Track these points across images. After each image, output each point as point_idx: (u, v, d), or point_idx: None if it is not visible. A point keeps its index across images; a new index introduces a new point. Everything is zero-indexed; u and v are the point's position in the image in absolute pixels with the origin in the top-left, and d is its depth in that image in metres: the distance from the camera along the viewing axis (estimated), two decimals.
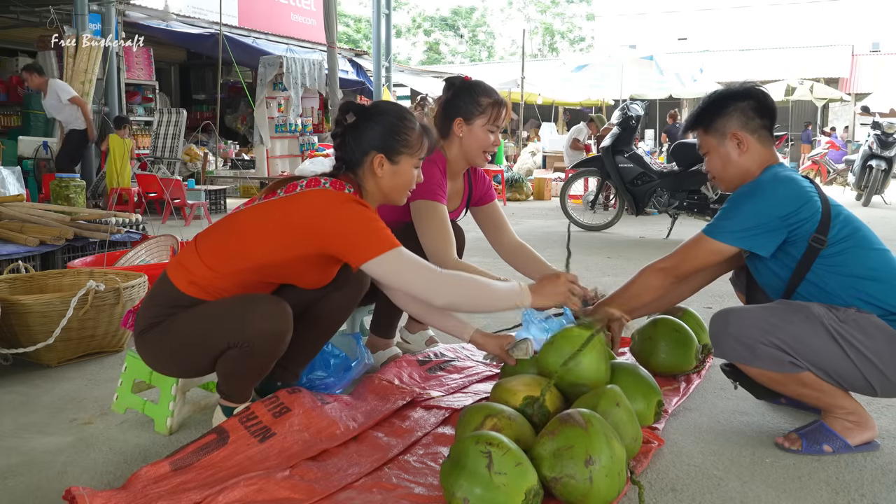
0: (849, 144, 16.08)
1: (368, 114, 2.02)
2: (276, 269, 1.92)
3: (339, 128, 2.03)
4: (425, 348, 2.74)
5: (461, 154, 2.53)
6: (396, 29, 31.63)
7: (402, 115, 2.03)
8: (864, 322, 1.88)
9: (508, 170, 12.17)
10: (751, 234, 1.97)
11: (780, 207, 1.95)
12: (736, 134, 2.08)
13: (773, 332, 1.88)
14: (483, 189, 2.75)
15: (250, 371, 1.95)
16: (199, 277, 1.91)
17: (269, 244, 1.89)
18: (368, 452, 1.92)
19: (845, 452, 1.95)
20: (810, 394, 1.95)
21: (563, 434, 1.63)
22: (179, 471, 1.75)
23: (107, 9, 8.47)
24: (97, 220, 4.31)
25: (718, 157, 2.13)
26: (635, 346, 2.54)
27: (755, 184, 2.02)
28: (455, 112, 2.49)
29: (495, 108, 2.48)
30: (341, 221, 1.85)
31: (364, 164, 2.00)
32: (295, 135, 10.76)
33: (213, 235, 1.97)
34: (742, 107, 2.08)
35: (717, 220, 2.05)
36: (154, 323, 1.93)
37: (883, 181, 10.16)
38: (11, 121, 9.86)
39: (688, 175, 6.51)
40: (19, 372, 2.65)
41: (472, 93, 2.48)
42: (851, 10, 22.93)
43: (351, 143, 2.00)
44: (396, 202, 2.09)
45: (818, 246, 1.95)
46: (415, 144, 2.02)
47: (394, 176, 2.01)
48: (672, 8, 25.42)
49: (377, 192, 2.03)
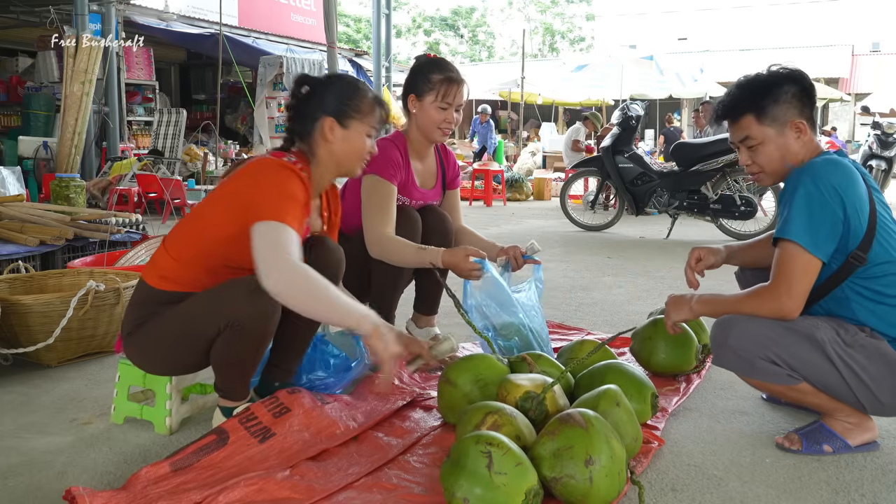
0: (849, 144, 16.09)
1: (322, 83, 2.04)
2: (229, 247, 1.90)
3: (293, 100, 2.05)
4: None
5: (419, 131, 2.59)
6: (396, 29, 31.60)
7: (354, 83, 2.07)
8: (870, 347, 1.86)
9: (508, 170, 12.18)
10: (816, 222, 1.84)
11: (834, 181, 1.83)
12: (796, 122, 1.95)
13: (772, 347, 1.87)
14: (454, 172, 2.83)
15: (244, 356, 1.91)
16: (165, 270, 1.94)
17: (216, 220, 1.92)
18: (369, 452, 1.92)
19: (845, 452, 1.95)
20: (810, 401, 1.96)
21: (563, 434, 1.63)
22: (179, 471, 1.75)
23: (107, 9, 8.47)
24: (97, 220, 4.31)
25: (776, 148, 1.97)
26: (635, 347, 2.54)
27: (801, 171, 1.89)
28: (409, 89, 2.57)
29: (444, 85, 2.50)
30: (260, 183, 1.87)
31: (316, 130, 2.01)
32: None
33: (177, 227, 2.01)
34: (796, 92, 1.95)
35: (784, 223, 1.88)
36: (138, 324, 1.95)
37: (883, 181, 10.16)
38: (11, 121, 9.85)
39: (688, 175, 6.51)
40: (19, 372, 2.65)
41: (426, 70, 2.53)
42: (851, 10, 22.94)
43: (304, 112, 2.02)
44: (351, 172, 2.09)
45: (857, 263, 1.88)
46: (366, 111, 2.03)
47: (345, 142, 2.02)
48: (672, 8, 25.43)
49: (330, 160, 2.04)
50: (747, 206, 6.28)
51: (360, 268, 2.49)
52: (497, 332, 2.44)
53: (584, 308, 3.75)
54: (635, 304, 3.83)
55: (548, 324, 3.30)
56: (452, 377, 2.08)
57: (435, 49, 38.47)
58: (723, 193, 6.40)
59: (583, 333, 3.19)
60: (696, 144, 6.70)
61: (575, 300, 3.94)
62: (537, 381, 1.95)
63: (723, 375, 2.55)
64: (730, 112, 2.03)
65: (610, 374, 2.08)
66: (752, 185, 6.85)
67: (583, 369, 2.19)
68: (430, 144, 2.67)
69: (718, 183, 6.45)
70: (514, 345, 2.44)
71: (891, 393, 1.86)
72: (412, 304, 2.83)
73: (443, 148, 2.79)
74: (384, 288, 2.55)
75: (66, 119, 7.45)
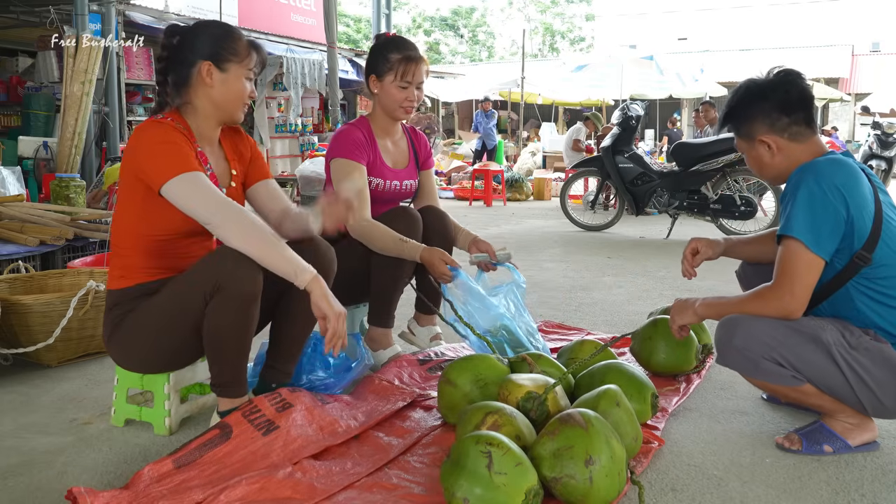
0: (849, 144, 16.10)
1: (193, 30, 2.02)
2: (147, 222, 1.94)
3: (165, 51, 2.02)
4: (429, 345, 2.75)
5: (382, 110, 2.61)
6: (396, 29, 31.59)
7: (227, 27, 2.06)
8: (875, 351, 1.86)
9: (508, 170, 12.17)
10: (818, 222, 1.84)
11: (836, 178, 1.84)
12: (763, 139, 2.00)
13: (777, 348, 1.87)
14: (426, 153, 2.83)
15: (236, 328, 1.88)
16: (120, 269, 2.00)
17: (124, 203, 1.96)
18: (370, 452, 1.92)
19: (846, 453, 1.95)
20: (812, 402, 1.96)
21: (563, 434, 1.63)
22: (182, 468, 1.75)
23: (107, 9, 8.47)
24: (97, 220, 4.31)
25: (752, 160, 2.07)
26: (635, 346, 2.54)
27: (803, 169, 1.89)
28: (369, 69, 2.58)
29: (403, 64, 2.51)
30: (142, 147, 1.89)
31: (192, 77, 1.99)
32: (295, 135, 10.76)
33: (111, 226, 2.06)
34: (765, 108, 1.98)
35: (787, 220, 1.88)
36: (117, 324, 1.99)
37: (883, 181, 10.17)
38: (11, 121, 9.84)
39: (688, 175, 6.51)
40: (19, 372, 2.65)
41: (384, 49, 2.54)
42: (851, 10, 22.95)
43: (178, 60, 1.99)
44: (233, 118, 2.07)
45: (861, 263, 1.88)
46: (242, 53, 2.01)
47: (224, 85, 2.00)
48: (672, 8, 25.44)
49: (210, 107, 2.02)
50: (747, 206, 6.28)
51: (359, 266, 2.49)
52: (484, 329, 2.44)
53: (584, 308, 3.75)
54: (635, 304, 3.83)
55: (547, 324, 3.32)
56: (452, 377, 2.08)
57: (435, 49, 38.50)
58: (723, 193, 6.40)
59: (583, 333, 3.19)
60: (696, 144, 6.70)
61: (575, 300, 3.94)
62: (539, 382, 1.95)
63: (723, 375, 2.55)
64: (723, 123, 2.12)
65: (610, 374, 2.08)
66: (752, 185, 6.85)
67: (583, 370, 2.19)
68: (396, 123, 2.69)
69: (718, 183, 6.45)
70: (502, 339, 2.44)
71: (894, 396, 1.86)
72: (412, 303, 2.82)
73: (412, 129, 2.81)
74: (384, 288, 2.55)
75: (66, 119, 7.44)
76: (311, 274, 1.83)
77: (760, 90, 2.02)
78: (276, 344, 2.14)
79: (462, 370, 2.08)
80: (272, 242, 1.85)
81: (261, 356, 2.24)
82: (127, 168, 1.94)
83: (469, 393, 2.04)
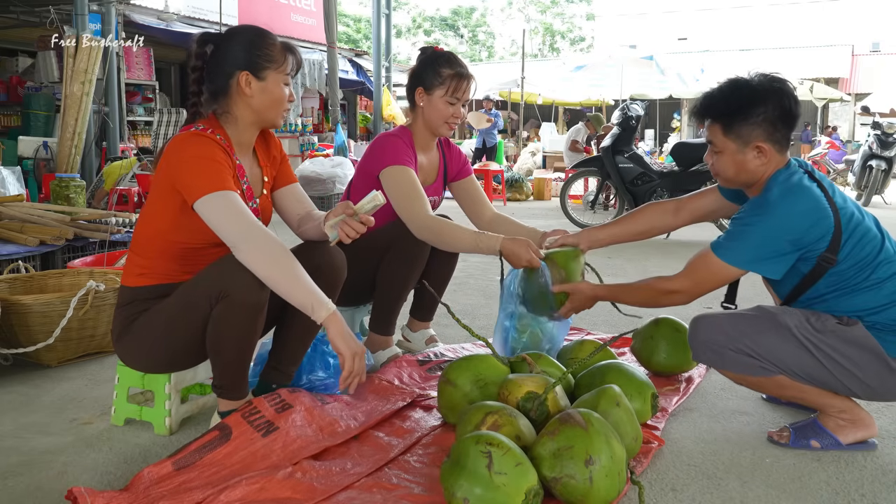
0: (849, 144, 16.11)
1: (226, 38, 1.99)
2: (179, 232, 1.94)
3: (198, 61, 1.96)
4: (425, 347, 2.74)
5: (424, 124, 2.56)
6: (396, 29, 31.59)
7: (259, 30, 2.01)
8: (841, 332, 1.87)
9: (508, 170, 12.17)
10: (761, 258, 1.89)
11: (791, 231, 1.85)
12: (760, 146, 1.94)
13: (740, 339, 1.91)
14: (459, 164, 2.77)
15: (240, 335, 1.88)
16: (140, 268, 1.99)
17: (157, 211, 1.95)
18: (370, 453, 1.92)
19: (835, 449, 1.96)
20: (793, 395, 1.97)
21: (563, 434, 1.63)
22: (182, 470, 1.75)
23: (107, 9, 8.47)
24: (97, 220, 4.31)
25: (733, 163, 1.98)
26: (636, 346, 2.54)
27: (765, 200, 1.90)
28: (417, 81, 2.53)
29: (454, 80, 2.48)
30: (183, 159, 1.87)
31: (231, 88, 1.97)
32: (295, 135, 10.76)
33: (136, 226, 2.04)
34: (770, 116, 1.92)
35: (726, 238, 1.94)
36: (128, 323, 1.99)
37: (883, 181, 10.18)
38: (11, 121, 9.84)
39: (688, 175, 6.52)
40: (19, 372, 2.65)
41: (435, 63, 2.50)
42: (851, 10, 22.92)
43: (214, 71, 1.97)
44: (274, 123, 2.06)
45: (827, 265, 1.89)
46: (279, 59, 1.99)
47: (263, 94, 1.98)
48: (672, 8, 25.42)
49: (250, 115, 2.00)
50: None
51: (362, 269, 2.48)
52: (518, 320, 2.42)
53: None
54: None
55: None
56: (452, 377, 2.08)
57: None
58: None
59: (583, 333, 3.19)
60: (696, 144, 6.70)
61: None
62: (539, 382, 1.95)
63: (723, 375, 2.54)
64: (702, 114, 2.04)
65: (610, 373, 2.08)
66: None
67: (583, 369, 2.19)
68: (435, 138, 2.65)
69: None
70: (526, 341, 2.43)
71: (878, 375, 1.86)
72: (404, 312, 2.80)
73: (446, 142, 2.76)
74: (389, 291, 2.53)
75: (66, 119, 7.45)
76: (329, 311, 1.80)
77: (773, 92, 1.94)
78: (279, 346, 2.14)
79: (462, 370, 2.08)
80: (294, 275, 1.80)
81: (262, 356, 2.24)
82: (164, 176, 1.92)
83: (469, 393, 2.04)
